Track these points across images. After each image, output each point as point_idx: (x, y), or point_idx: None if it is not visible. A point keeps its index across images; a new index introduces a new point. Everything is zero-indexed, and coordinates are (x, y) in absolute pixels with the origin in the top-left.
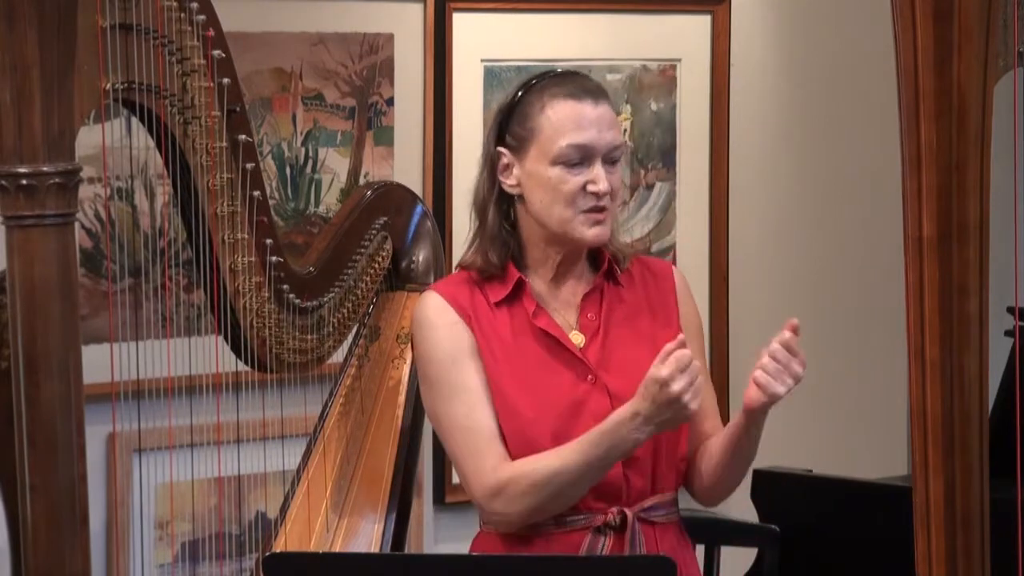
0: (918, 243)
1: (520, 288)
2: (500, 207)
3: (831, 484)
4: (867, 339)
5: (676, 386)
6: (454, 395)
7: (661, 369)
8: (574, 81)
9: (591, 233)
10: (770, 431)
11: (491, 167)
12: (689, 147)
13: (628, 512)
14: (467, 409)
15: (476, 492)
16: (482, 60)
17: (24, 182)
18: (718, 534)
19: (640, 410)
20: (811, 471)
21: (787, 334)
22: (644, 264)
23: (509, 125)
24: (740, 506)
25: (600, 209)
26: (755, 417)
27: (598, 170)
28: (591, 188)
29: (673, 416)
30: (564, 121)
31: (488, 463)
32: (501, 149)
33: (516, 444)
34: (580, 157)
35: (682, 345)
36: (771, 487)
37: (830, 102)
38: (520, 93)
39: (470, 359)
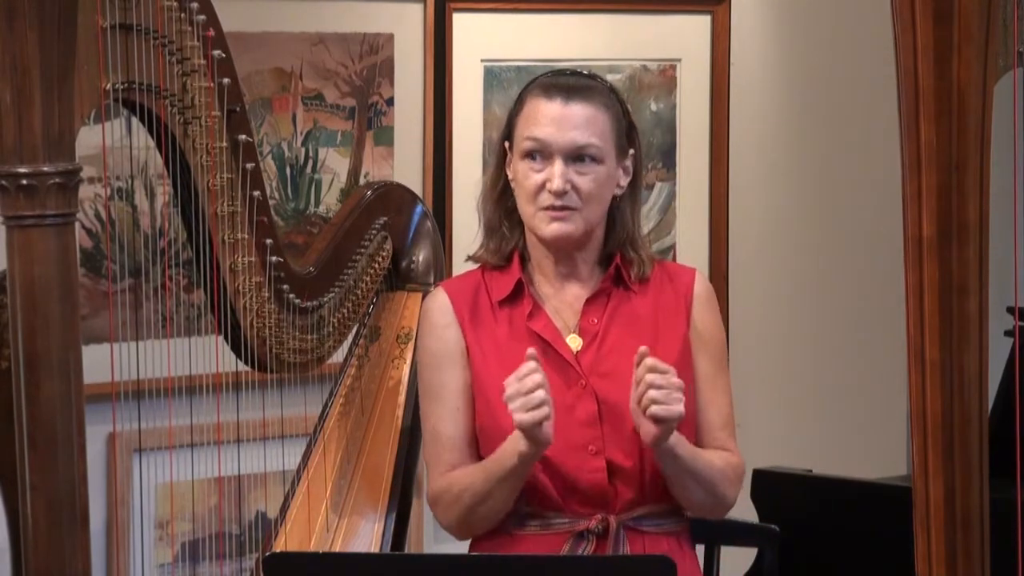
0: (918, 243)
1: (521, 288)
2: (503, 201)
3: (831, 484)
4: (867, 339)
5: (510, 405)
6: (430, 398)
7: (506, 385)
8: (557, 78)
9: (549, 229)
10: (770, 431)
11: (499, 161)
12: (689, 147)
13: (611, 519)
14: (437, 415)
15: (427, 496)
16: (482, 60)
17: (24, 182)
18: (718, 534)
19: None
20: (811, 471)
21: (648, 360)
22: (665, 270)
23: (510, 121)
24: (740, 506)
25: (559, 207)
26: (661, 450)
27: (555, 168)
28: (548, 186)
29: (524, 432)
30: (529, 117)
31: (437, 470)
32: (507, 144)
33: (496, 447)
34: (538, 152)
35: (535, 359)
36: (771, 487)
37: (830, 102)
38: (521, 91)
39: (452, 366)
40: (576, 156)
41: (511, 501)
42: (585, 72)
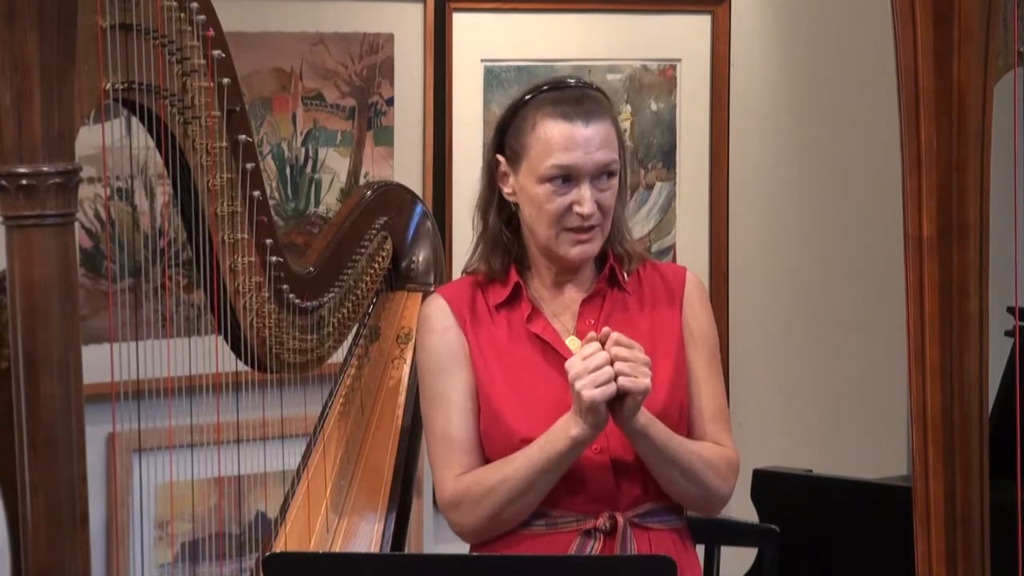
0: (918, 243)
1: (519, 291)
2: (501, 212)
3: (831, 484)
4: (867, 339)
5: (577, 383)
6: (437, 402)
7: (569, 367)
8: (569, 99)
9: (574, 252)
10: (770, 431)
11: (490, 173)
12: (689, 147)
13: (619, 517)
14: (445, 418)
15: (439, 501)
16: (482, 60)
17: (24, 182)
18: (718, 534)
19: (573, 408)
20: (811, 471)
21: (614, 335)
22: (656, 269)
23: (507, 135)
24: (740, 506)
25: (586, 229)
26: (630, 430)
27: (584, 192)
28: (576, 209)
29: (587, 411)
30: (551, 142)
31: (452, 473)
32: (499, 157)
33: (502, 450)
34: (566, 177)
35: (603, 338)
36: (771, 487)
37: (830, 102)
38: (518, 105)
39: (457, 368)
40: (599, 174)
41: (545, 494)
42: (584, 83)
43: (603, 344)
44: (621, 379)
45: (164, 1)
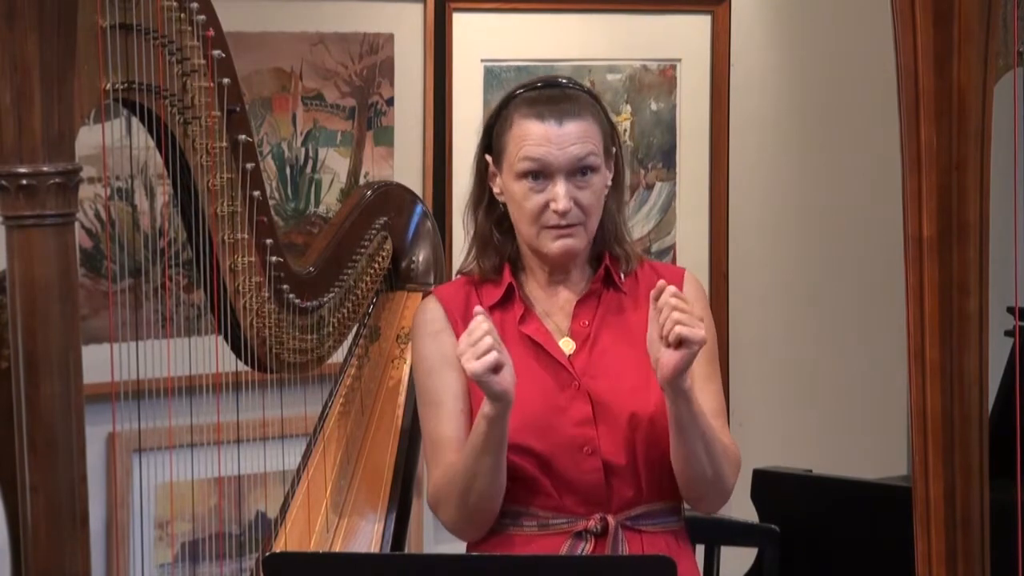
0: (918, 243)
1: (511, 292)
2: (490, 212)
3: (831, 484)
4: (867, 339)
5: (463, 359)
6: (428, 404)
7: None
8: (546, 98)
9: (555, 247)
10: (770, 431)
11: (480, 173)
12: (689, 147)
13: (610, 519)
14: (436, 419)
15: (428, 500)
16: (482, 60)
17: (24, 182)
18: (718, 534)
19: None
20: (811, 471)
21: (671, 288)
22: (654, 269)
23: (492, 135)
24: (740, 506)
25: (565, 225)
26: (677, 388)
27: (558, 188)
28: (552, 206)
29: (479, 385)
30: (523, 139)
31: (439, 471)
32: (487, 157)
33: None
34: (540, 173)
35: (483, 314)
36: (771, 487)
37: (830, 102)
38: (502, 104)
39: (449, 370)
40: (575, 171)
41: (497, 480)
42: (570, 83)
43: (658, 297)
44: (679, 328)
45: (164, 1)
